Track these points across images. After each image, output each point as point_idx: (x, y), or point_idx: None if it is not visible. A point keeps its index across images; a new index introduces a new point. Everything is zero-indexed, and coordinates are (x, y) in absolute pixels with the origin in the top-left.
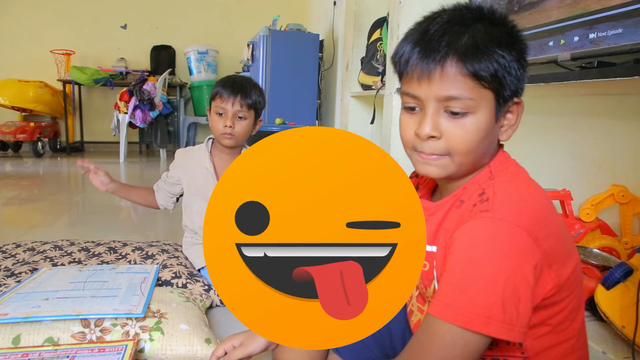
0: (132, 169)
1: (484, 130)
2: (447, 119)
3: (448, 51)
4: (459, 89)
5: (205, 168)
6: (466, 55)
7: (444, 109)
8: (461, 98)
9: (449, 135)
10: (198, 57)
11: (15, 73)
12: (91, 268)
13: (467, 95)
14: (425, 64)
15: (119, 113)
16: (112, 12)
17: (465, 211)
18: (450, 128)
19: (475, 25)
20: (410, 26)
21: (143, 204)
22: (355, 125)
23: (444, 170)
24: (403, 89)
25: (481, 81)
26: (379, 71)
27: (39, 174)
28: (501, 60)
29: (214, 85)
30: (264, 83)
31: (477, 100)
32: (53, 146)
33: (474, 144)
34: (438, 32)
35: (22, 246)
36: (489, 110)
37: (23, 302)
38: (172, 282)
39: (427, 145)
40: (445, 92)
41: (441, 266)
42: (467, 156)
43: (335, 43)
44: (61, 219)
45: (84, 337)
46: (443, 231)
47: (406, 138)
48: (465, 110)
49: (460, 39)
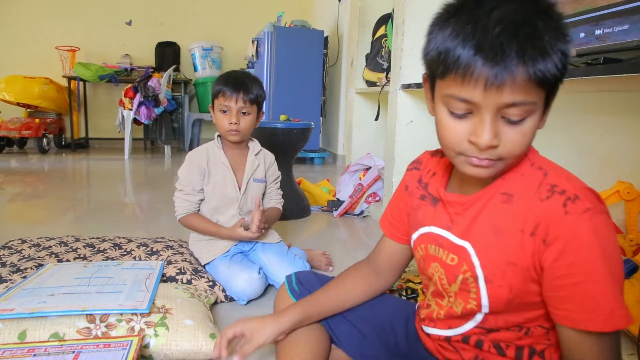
0: (136, 166)
1: (536, 127)
2: (506, 125)
3: (520, 58)
4: (525, 95)
5: (222, 163)
6: (537, 60)
7: (501, 115)
8: (525, 104)
9: (508, 142)
10: (203, 53)
11: (20, 69)
12: (96, 264)
13: (531, 100)
14: (493, 72)
15: (123, 109)
16: (117, 9)
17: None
18: (510, 135)
19: (537, 22)
20: (440, 11)
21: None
22: (360, 121)
23: (494, 172)
24: (452, 93)
25: (544, 83)
26: (383, 68)
27: (44, 170)
28: (563, 59)
29: (215, 83)
30: (268, 79)
31: (537, 103)
32: (58, 142)
33: (528, 146)
34: (504, 35)
35: (28, 242)
36: (541, 108)
37: (29, 297)
38: (177, 278)
39: (483, 153)
40: (510, 99)
41: (492, 266)
42: (518, 157)
43: (340, 39)
44: (66, 215)
45: (89, 332)
46: (481, 226)
47: (453, 144)
48: (524, 115)
49: (531, 43)
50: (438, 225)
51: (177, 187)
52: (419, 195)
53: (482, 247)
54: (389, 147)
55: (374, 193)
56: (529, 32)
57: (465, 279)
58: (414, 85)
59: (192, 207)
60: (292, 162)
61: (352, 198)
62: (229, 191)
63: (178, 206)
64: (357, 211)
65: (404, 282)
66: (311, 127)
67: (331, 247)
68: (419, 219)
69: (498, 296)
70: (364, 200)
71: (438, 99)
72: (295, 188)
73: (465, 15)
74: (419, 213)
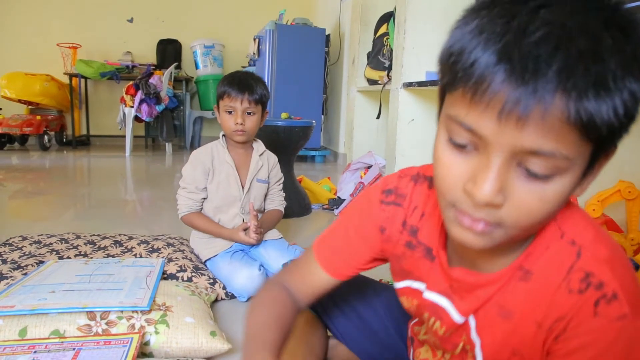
0: (137, 163)
1: (566, 195)
2: (521, 179)
3: (560, 83)
4: (557, 142)
5: (227, 163)
6: (587, 94)
7: (517, 162)
8: (554, 156)
9: (517, 203)
10: (204, 51)
11: (21, 66)
12: (97, 261)
13: (564, 153)
14: (516, 93)
15: (125, 107)
16: (119, 6)
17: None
18: (523, 194)
19: (602, 36)
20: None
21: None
22: (361, 120)
23: (489, 243)
24: (455, 114)
25: (591, 132)
26: (385, 66)
27: (45, 167)
28: (630, 103)
29: (220, 84)
30: (270, 77)
31: (573, 159)
32: (59, 139)
33: (547, 215)
34: (547, 44)
35: (29, 239)
36: (581, 168)
37: (30, 294)
38: (178, 275)
39: (479, 210)
40: (535, 144)
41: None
42: (529, 229)
43: (342, 38)
44: (67, 212)
45: (89, 329)
46: (495, 307)
47: (446, 187)
48: (551, 172)
49: (584, 65)
50: (435, 290)
51: (180, 185)
52: (404, 242)
53: (485, 325)
54: (390, 145)
55: None
56: (586, 49)
57: (465, 348)
58: (415, 83)
59: (195, 205)
60: (293, 160)
61: (353, 196)
62: (232, 190)
63: (181, 204)
64: None
65: None
66: (312, 125)
67: None
68: (405, 269)
69: None
70: None
71: (441, 119)
72: (297, 186)
73: (500, 8)
74: (406, 263)
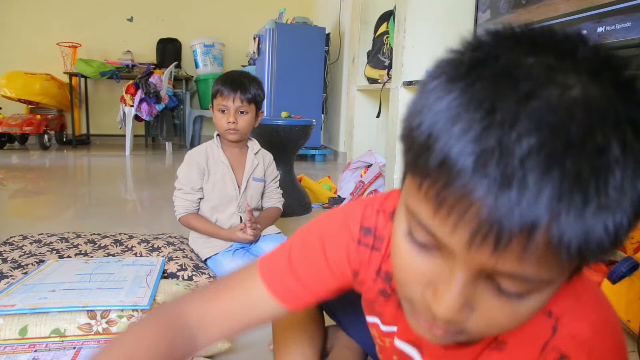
0: (137, 162)
1: (542, 306)
2: (491, 293)
3: (553, 210)
4: (538, 267)
5: (221, 162)
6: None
7: (488, 276)
8: (531, 280)
9: (485, 318)
10: (204, 50)
11: (21, 66)
12: (97, 260)
13: (545, 278)
14: (498, 216)
15: (125, 106)
16: (119, 5)
17: None
18: (493, 309)
19: (611, 145)
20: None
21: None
22: (361, 119)
23: (450, 342)
24: (416, 210)
25: (581, 253)
26: (385, 65)
27: (45, 166)
28: (623, 220)
29: (214, 83)
30: (269, 76)
31: (552, 279)
32: (59, 139)
33: (522, 321)
34: (537, 160)
35: (29, 238)
36: (561, 282)
37: (30, 293)
38: (178, 274)
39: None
40: (512, 268)
41: None
42: (498, 332)
43: (342, 36)
44: (67, 212)
45: (90, 328)
46: None
47: (404, 281)
48: (527, 292)
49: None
50: (405, 340)
51: (176, 187)
52: (378, 289)
53: None
54: (391, 144)
55: (375, 190)
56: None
57: None
58: (415, 82)
59: (192, 206)
60: (293, 159)
61: (354, 195)
62: (228, 190)
63: (177, 205)
64: None
65: None
66: (312, 124)
67: None
68: (377, 310)
69: None
70: (365, 197)
71: (401, 204)
72: (297, 185)
73: (482, 85)
74: (377, 305)
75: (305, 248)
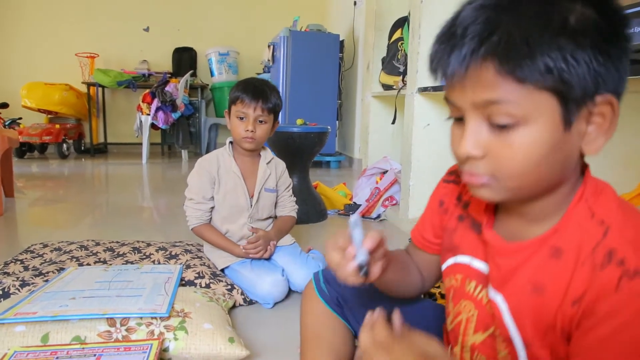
0: (154, 170)
1: (545, 145)
2: (493, 134)
3: (476, 46)
4: (499, 91)
5: (233, 172)
6: (502, 53)
7: (486, 119)
8: (502, 103)
9: (494, 154)
10: (219, 58)
11: (41, 76)
12: (116, 268)
13: (511, 99)
14: (451, 61)
15: (141, 115)
16: (135, 15)
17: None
18: (495, 145)
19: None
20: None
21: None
22: (376, 125)
23: (497, 194)
24: (445, 96)
25: (528, 83)
26: (400, 71)
27: (64, 175)
28: (554, 54)
29: (233, 89)
30: (284, 84)
31: (525, 106)
32: (77, 148)
33: (530, 163)
34: (465, 21)
35: (49, 246)
36: (552, 117)
37: (51, 301)
38: (196, 282)
39: (468, 164)
40: (481, 96)
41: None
42: (520, 179)
43: (356, 43)
44: (86, 220)
45: (110, 336)
46: (520, 281)
47: (454, 153)
48: (511, 120)
49: (493, 30)
50: (481, 258)
51: (187, 196)
52: (457, 215)
53: (517, 304)
54: (406, 150)
55: (390, 197)
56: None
57: (495, 335)
58: (430, 88)
59: (204, 216)
60: (308, 166)
61: (369, 202)
62: (240, 200)
63: (190, 216)
64: (374, 215)
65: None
66: (327, 131)
67: None
68: (455, 243)
69: (539, 358)
70: (380, 203)
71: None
72: (312, 192)
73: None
74: (456, 237)
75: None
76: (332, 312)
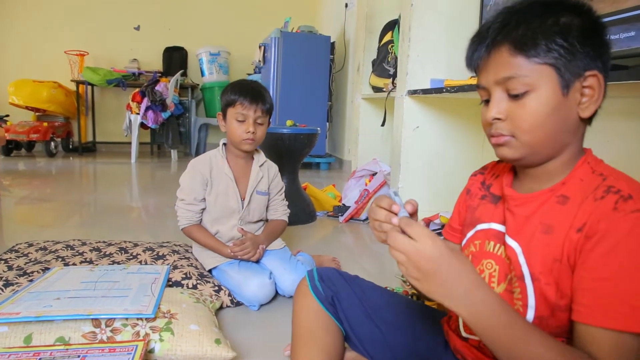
0: (143, 170)
1: (549, 105)
2: (511, 102)
3: (495, 36)
4: (514, 68)
5: (225, 174)
6: (514, 38)
7: (506, 92)
8: (517, 77)
9: (512, 116)
10: (210, 58)
11: (29, 73)
12: (102, 268)
13: (522, 73)
14: (478, 53)
15: (131, 114)
16: (126, 14)
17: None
18: (513, 109)
19: (528, 11)
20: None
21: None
22: (366, 127)
23: (516, 151)
24: (477, 82)
25: (533, 58)
26: (390, 73)
27: (51, 173)
28: (550, 38)
29: (227, 92)
30: (275, 84)
31: (533, 77)
32: (65, 146)
33: (539, 120)
34: (488, 23)
35: (34, 245)
36: (552, 84)
37: (35, 301)
38: (183, 283)
39: (495, 126)
40: (501, 74)
41: (538, 264)
42: (532, 133)
43: (347, 45)
44: (73, 219)
45: (94, 336)
46: (532, 225)
47: (483, 127)
48: (524, 89)
49: (507, 24)
50: (498, 222)
51: (178, 197)
52: (480, 196)
53: (529, 246)
54: (395, 152)
55: None
56: (512, 17)
57: (511, 278)
58: (420, 91)
59: (195, 217)
60: (298, 167)
61: (358, 204)
62: (231, 203)
63: (180, 216)
64: (362, 217)
65: (409, 288)
66: (317, 133)
67: (337, 252)
68: (476, 216)
69: (545, 295)
70: (369, 205)
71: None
72: (301, 193)
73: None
74: (477, 211)
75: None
76: (325, 311)
